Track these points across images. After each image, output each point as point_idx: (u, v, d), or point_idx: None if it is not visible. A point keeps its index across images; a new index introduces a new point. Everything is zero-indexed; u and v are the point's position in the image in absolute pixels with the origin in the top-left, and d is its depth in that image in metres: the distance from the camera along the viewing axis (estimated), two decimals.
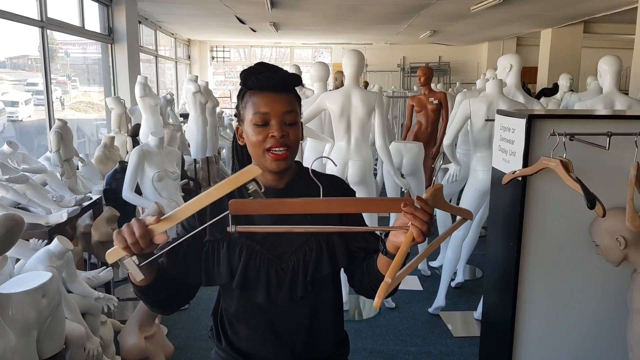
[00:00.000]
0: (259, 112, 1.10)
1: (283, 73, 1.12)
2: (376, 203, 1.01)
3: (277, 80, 1.11)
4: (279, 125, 1.10)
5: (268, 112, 1.10)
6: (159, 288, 1.10)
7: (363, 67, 3.34)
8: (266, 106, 1.10)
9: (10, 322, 1.60)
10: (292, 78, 1.13)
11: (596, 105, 3.25)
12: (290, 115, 1.12)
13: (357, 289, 1.25)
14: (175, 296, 1.18)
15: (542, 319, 2.01)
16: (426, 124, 5.11)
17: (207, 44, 13.14)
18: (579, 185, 1.58)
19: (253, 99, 1.12)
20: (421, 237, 0.94)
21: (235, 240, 1.15)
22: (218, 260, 1.16)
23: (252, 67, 1.13)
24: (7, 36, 4.68)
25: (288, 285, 1.15)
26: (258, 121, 1.10)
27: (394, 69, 13.14)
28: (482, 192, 3.18)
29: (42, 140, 4.94)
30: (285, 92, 1.13)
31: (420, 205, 0.95)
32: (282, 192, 1.18)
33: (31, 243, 2.40)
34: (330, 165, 3.26)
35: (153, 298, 1.13)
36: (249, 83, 1.12)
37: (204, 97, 5.58)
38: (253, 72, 1.12)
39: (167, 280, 1.12)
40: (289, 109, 1.12)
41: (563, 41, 8.98)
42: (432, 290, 3.58)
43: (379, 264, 1.11)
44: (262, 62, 1.15)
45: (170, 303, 1.18)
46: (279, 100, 1.11)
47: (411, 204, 0.94)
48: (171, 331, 3.11)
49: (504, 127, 2.05)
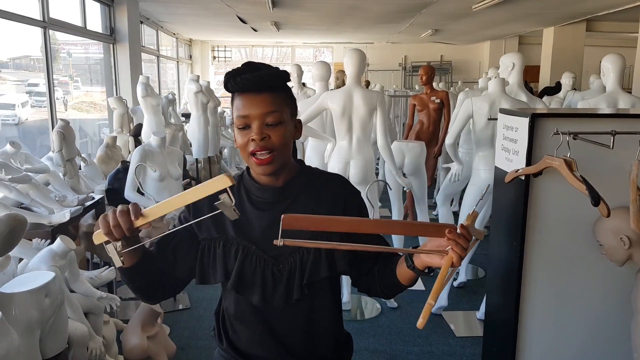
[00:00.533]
0: (240, 116, 1.08)
1: (263, 72, 1.07)
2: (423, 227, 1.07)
3: (255, 82, 1.06)
4: (259, 128, 1.07)
5: (247, 114, 1.07)
6: (141, 273, 1.11)
7: (364, 66, 3.33)
8: (245, 109, 1.07)
9: (13, 322, 1.60)
10: (275, 76, 1.09)
11: (599, 104, 3.24)
12: (271, 116, 1.07)
13: (363, 290, 1.26)
14: (157, 285, 1.18)
15: (545, 319, 2.00)
16: (428, 123, 5.10)
17: (208, 43, 13.15)
18: (582, 185, 1.57)
19: (236, 102, 1.10)
20: (459, 262, 0.99)
21: (231, 240, 1.14)
22: (214, 260, 1.15)
23: (237, 68, 1.10)
24: (9, 37, 4.69)
25: (284, 288, 1.14)
26: (239, 124, 1.09)
27: (395, 68, 13.13)
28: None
29: (44, 140, 4.95)
30: (268, 92, 1.08)
31: (462, 232, 0.99)
32: (281, 190, 1.16)
33: (34, 243, 2.40)
34: (331, 164, 3.26)
35: (134, 282, 1.13)
36: (229, 87, 1.09)
37: (206, 96, 5.58)
38: (233, 75, 1.08)
39: (152, 268, 1.13)
40: (270, 110, 1.07)
41: (565, 40, 8.95)
42: None
43: (401, 275, 1.12)
44: (248, 62, 1.11)
45: (152, 291, 1.18)
46: (260, 101, 1.07)
47: (454, 231, 0.99)
48: (173, 331, 3.11)
49: (507, 126, 2.04)
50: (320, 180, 1.23)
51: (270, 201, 1.15)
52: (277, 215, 0.98)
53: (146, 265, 1.10)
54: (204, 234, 1.16)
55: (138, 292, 1.16)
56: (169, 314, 3.32)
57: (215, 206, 0.96)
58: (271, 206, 1.15)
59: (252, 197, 1.16)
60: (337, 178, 1.27)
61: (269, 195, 1.15)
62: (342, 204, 1.20)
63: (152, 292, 1.18)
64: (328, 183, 1.23)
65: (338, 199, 1.20)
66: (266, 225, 1.14)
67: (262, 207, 1.15)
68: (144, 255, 1.10)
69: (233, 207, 0.95)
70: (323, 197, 1.19)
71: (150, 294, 1.19)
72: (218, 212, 0.98)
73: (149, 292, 1.18)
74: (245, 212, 1.15)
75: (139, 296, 1.19)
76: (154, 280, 1.16)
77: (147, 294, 1.19)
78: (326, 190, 1.20)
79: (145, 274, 1.12)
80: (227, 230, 1.15)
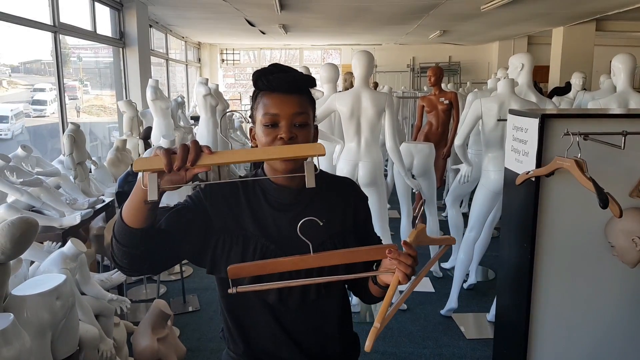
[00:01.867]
0: (268, 113, 1.09)
1: (295, 74, 1.11)
2: (362, 252, 1.07)
3: (288, 82, 1.10)
4: (288, 127, 1.09)
5: (277, 113, 1.09)
6: (148, 238, 1.00)
7: (373, 68, 3.33)
8: (275, 107, 1.09)
9: (25, 324, 1.62)
10: (305, 79, 1.12)
11: (610, 104, 3.21)
12: (300, 117, 1.10)
13: (357, 296, 1.28)
14: (150, 256, 1.04)
15: (556, 321, 1.98)
16: (437, 124, 5.09)
17: (217, 46, 13.21)
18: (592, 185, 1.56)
19: (264, 100, 1.11)
20: (406, 280, 1.00)
21: (251, 236, 1.13)
22: (228, 252, 1.12)
23: (265, 68, 1.13)
24: (20, 41, 4.74)
25: (300, 288, 1.14)
26: (267, 122, 1.09)
27: (403, 69, 13.10)
28: (494, 193, 3.15)
29: (55, 143, 5.00)
30: (297, 94, 1.11)
31: (405, 249, 1.01)
32: (297, 192, 1.17)
33: (45, 246, 2.42)
34: (340, 166, 3.25)
35: (136, 247, 1.00)
36: (260, 84, 1.12)
37: (215, 99, 5.61)
38: (264, 73, 1.11)
39: (155, 237, 1.03)
40: (299, 111, 1.10)
41: (575, 40, 8.88)
42: (444, 292, 3.55)
43: (372, 289, 1.16)
44: (276, 63, 1.14)
45: (141, 261, 1.03)
46: (289, 101, 1.10)
47: (395, 250, 1.01)
48: (183, 333, 3.12)
49: (517, 127, 2.03)
50: (333, 184, 1.25)
51: (287, 202, 1.16)
52: (295, 217, 0.99)
53: (153, 231, 1.02)
54: (219, 223, 1.14)
55: (128, 256, 1.01)
56: (179, 316, 3.33)
57: (303, 163, 0.96)
58: (288, 207, 1.16)
59: (269, 198, 1.17)
60: (349, 182, 1.29)
61: (285, 197, 1.16)
62: (353, 209, 1.22)
63: (141, 262, 1.04)
64: (340, 187, 1.25)
65: (349, 203, 1.23)
66: (284, 225, 1.15)
67: (279, 207, 1.16)
68: (156, 224, 1.03)
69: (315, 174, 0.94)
70: (335, 201, 1.21)
71: (139, 266, 1.05)
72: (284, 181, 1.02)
73: (140, 263, 1.04)
74: (263, 211, 1.15)
75: (126, 266, 1.04)
76: (150, 250, 1.03)
77: (137, 265, 1.04)
78: (338, 194, 1.23)
79: (150, 240, 1.01)
80: (246, 226, 1.14)
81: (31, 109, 5.52)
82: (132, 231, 0.97)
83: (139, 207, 0.94)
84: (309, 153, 0.93)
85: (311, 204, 1.17)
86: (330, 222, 1.13)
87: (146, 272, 1.14)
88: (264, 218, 1.15)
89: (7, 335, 1.44)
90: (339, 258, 1.05)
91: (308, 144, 0.96)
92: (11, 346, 1.44)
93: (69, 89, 5.43)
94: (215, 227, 1.14)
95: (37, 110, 5.57)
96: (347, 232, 1.18)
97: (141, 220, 0.96)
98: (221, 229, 1.14)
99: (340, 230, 1.17)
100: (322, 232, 1.11)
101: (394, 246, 1.01)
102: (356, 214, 1.22)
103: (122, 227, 0.98)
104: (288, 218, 1.14)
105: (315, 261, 1.03)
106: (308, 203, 1.17)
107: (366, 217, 1.26)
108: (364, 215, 1.25)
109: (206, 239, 1.13)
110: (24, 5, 4.18)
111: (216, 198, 1.15)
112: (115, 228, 1.00)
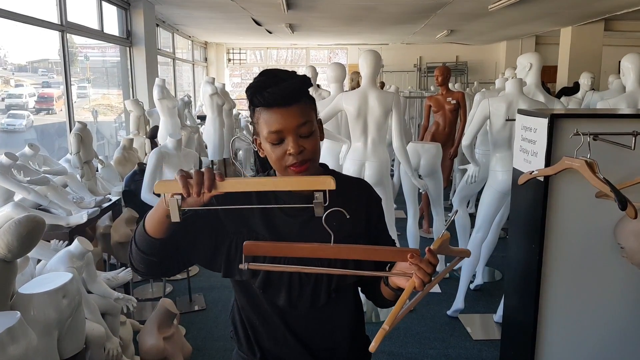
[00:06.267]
0: (272, 132, 1.06)
1: (289, 84, 1.05)
2: (384, 252, 1.04)
3: (283, 94, 1.04)
4: (295, 141, 1.06)
5: (280, 129, 1.05)
6: (167, 246, 1.06)
7: (380, 68, 3.31)
8: (277, 123, 1.05)
9: (31, 322, 1.62)
10: (300, 86, 1.07)
11: (619, 104, 3.19)
12: (304, 128, 1.06)
13: (369, 298, 1.26)
14: (163, 263, 1.11)
15: (564, 322, 1.96)
16: (444, 124, 5.06)
17: (223, 46, 13.23)
18: (607, 186, 1.54)
19: (264, 116, 1.07)
20: (422, 286, 0.97)
21: (262, 239, 1.13)
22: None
23: (258, 81, 1.07)
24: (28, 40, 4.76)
25: (310, 291, 1.13)
26: (273, 140, 1.07)
27: (410, 69, 13.07)
28: (501, 193, 3.13)
29: (62, 142, 5.02)
30: (296, 104, 1.06)
31: (427, 256, 0.97)
32: (308, 196, 1.15)
33: (52, 244, 2.43)
34: (346, 166, 3.24)
35: (155, 255, 1.07)
36: (255, 102, 1.07)
37: (221, 99, 5.61)
38: (258, 89, 1.06)
39: (173, 244, 1.08)
40: (302, 121, 1.06)
41: (583, 39, 8.82)
42: (450, 293, 3.53)
43: (384, 291, 1.13)
44: (265, 71, 1.09)
45: (157, 266, 1.11)
46: (290, 114, 1.05)
47: (417, 255, 0.97)
48: (189, 332, 3.12)
49: (526, 127, 2.01)
50: (345, 185, 1.21)
51: (299, 207, 1.14)
52: (306, 221, 0.98)
53: (171, 241, 1.07)
54: (231, 226, 1.14)
55: (148, 264, 1.09)
56: (185, 315, 3.34)
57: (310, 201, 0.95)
58: (299, 212, 1.14)
59: (280, 202, 1.16)
60: (362, 183, 1.27)
61: (297, 202, 1.15)
62: (365, 211, 1.20)
63: (157, 268, 1.12)
64: (352, 188, 1.23)
65: (361, 205, 1.20)
66: (295, 230, 1.14)
67: (290, 211, 1.15)
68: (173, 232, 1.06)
69: (324, 206, 0.95)
70: (348, 203, 1.17)
71: (155, 270, 1.13)
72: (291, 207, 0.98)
73: (156, 268, 1.11)
74: (274, 214, 1.15)
75: (143, 270, 1.12)
76: (166, 257, 1.10)
77: (153, 270, 1.12)
78: (350, 195, 1.19)
79: (167, 248, 1.07)
80: (258, 229, 1.14)
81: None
82: (152, 240, 1.04)
83: (162, 220, 1.01)
84: (317, 187, 0.93)
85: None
86: (342, 225, 1.11)
87: (160, 276, 1.21)
88: (275, 221, 1.14)
89: (14, 334, 1.44)
90: (359, 253, 1.03)
91: (318, 178, 0.93)
92: (18, 344, 1.44)
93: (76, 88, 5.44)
94: (227, 231, 1.14)
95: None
96: (358, 234, 1.16)
97: (162, 231, 1.03)
98: (234, 233, 1.14)
99: (352, 233, 1.15)
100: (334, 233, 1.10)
101: (416, 251, 0.98)
102: (369, 216, 1.20)
103: (144, 236, 1.04)
104: (299, 222, 1.13)
105: (333, 252, 1.00)
106: None
107: (379, 218, 1.23)
108: (376, 217, 1.22)
109: (218, 243, 1.14)
110: (32, 4, 4.20)
111: (228, 202, 1.14)
112: (137, 235, 1.07)
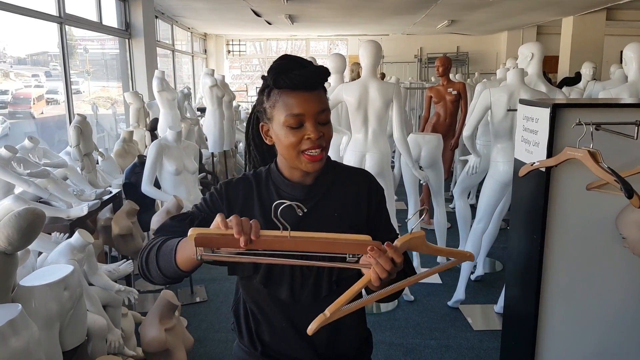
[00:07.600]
0: (293, 114, 1.04)
1: (314, 69, 1.06)
2: (342, 244, 0.95)
3: (310, 78, 1.04)
4: (315, 127, 1.05)
5: (302, 113, 1.04)
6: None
7: (380, 58, 3.29)
8: (300, 107, 1.04)
9: (33, 315, 1.62)
10: (323, 73, 1.07)
11: (621, 94, 3.17)
12: (324, 115, 1.07)
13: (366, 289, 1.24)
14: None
15: (565, 313, 1.97)
16: (445, 115, 5.05)
17: (223, 37, 13.17)
18: (610, 176, 1.53)
19: (284, 99, 1.05)
20: (378, 282, 0.92)
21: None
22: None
23: (281, 63, 1.06)
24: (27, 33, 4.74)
25: (312, 284, 1.13)
26: (292, 124, 1.05)
27: (411, 60, 13.01)
28: (502, 184, 3.12)
29: (62, 135, 5.01)
30: (317, 90, 1.06)
31: (389, 252, 0.91)
32: (310, 187, 1.15)
33: (53, 236, 2.43)
34: (347, 157, 3.23)
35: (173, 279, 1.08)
36: (280, 82, 1.05)
37: (221, 91, 5.59)
38: (283, 70, 1.04)
39: None
40: (323, 108, 1.06)
41: (585, 29, 8.78)
42: (451, 284, 3.54)
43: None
44: (287, 55, 1.08)
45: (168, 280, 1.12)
46: (313, 99, 1.05)
47: (378, 249, 0.91)
48: (191, 323, 3.13)
49: (527, 117, 2.00)
50: (347, 175, 1.21)
51: (300, 198, 1.13)
52: (306, 214, 0.96)
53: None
54: None
55: (165, 282, 1.11)
56: (187, 306, 3.35)
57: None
58: (300, 203, 1.14)
59: (282, 194, 1.15)
60: (363, 174, 1.25)
61: (298, 193, 1.14)
62: (366, 201, 1.19)
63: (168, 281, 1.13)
64: (354, 179, 1.22)
65: (362, 195, 1.19)
66: (295, 221, 1.12)
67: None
68: None
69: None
70: (349, 193, 1.18)
71: (165, 282, 1.13)
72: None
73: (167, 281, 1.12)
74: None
75: (154, 281, 1.12)
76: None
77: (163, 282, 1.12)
78: (352, 186, 1.19)
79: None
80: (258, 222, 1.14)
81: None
82: (181, 272, 1.02)
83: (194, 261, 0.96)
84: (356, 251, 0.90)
85: (323, 199, 1.15)
86: (343, 216, 1.10)
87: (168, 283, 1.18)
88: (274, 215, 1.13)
89: (16, 326, 1.44)
90: (316, 246, 0.95)
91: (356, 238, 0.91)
92: (19, 336, 1.45)
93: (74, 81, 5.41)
94: None
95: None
96: (360, 225, 1.15)
97: (194, 267, 1.01)
98: None
99: (353, 224, 1.14)
100: (334, 225, 1.09)
101: (378, 244, 0.92)
102: (369, 207, 1.18)
103: (173, 269, 1.01)
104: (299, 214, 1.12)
105: (290, 245, 0.94)
106: (320, 198, 1.15)
107: (378, 208, 1.21)
108: (376, 207, 1.20)
109: None
110: None
111: (231, 197, 1.14)
112: (162, 261, 1.03)
